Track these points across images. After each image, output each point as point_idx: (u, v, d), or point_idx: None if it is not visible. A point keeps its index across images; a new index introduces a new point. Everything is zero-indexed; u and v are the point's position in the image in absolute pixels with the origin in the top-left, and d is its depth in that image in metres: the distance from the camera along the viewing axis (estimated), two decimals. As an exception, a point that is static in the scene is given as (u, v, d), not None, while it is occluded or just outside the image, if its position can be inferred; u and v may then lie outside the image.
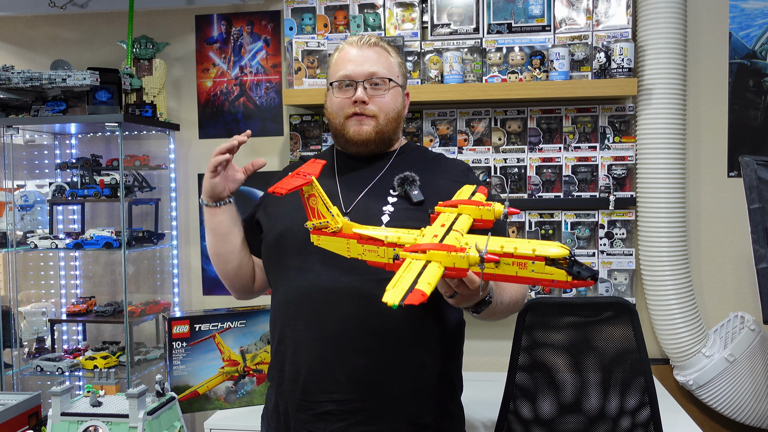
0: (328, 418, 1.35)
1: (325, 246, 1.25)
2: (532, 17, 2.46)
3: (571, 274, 1.02)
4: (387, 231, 1.19)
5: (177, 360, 2.21)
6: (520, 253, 1.04)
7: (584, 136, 2.47)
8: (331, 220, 1.22)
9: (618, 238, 2.45)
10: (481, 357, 2.59)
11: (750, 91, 2.47)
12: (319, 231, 1.25)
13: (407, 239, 1.15)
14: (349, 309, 1.34)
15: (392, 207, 1.41)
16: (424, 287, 0.96)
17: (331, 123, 1.51)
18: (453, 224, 1.21)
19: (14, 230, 2.58)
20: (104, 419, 1.55)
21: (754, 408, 2.31)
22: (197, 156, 2.76)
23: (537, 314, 1.80)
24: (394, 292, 0.95)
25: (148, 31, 2.70)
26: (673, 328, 2.33)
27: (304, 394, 1.37)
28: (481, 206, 1.28)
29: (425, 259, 1.04)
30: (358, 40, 1.50)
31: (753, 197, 2.02)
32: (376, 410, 1.35)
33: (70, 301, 2.75)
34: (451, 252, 1.03)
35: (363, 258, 1.20)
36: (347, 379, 1.34)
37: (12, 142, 2.56)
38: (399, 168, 1.48)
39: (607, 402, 1.77)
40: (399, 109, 1.51)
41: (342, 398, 1.34)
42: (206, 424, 2.15)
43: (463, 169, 1.53)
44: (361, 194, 1.45)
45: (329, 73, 1.53)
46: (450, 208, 1.29)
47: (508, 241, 1.07)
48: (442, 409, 1.43)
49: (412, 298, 0.93)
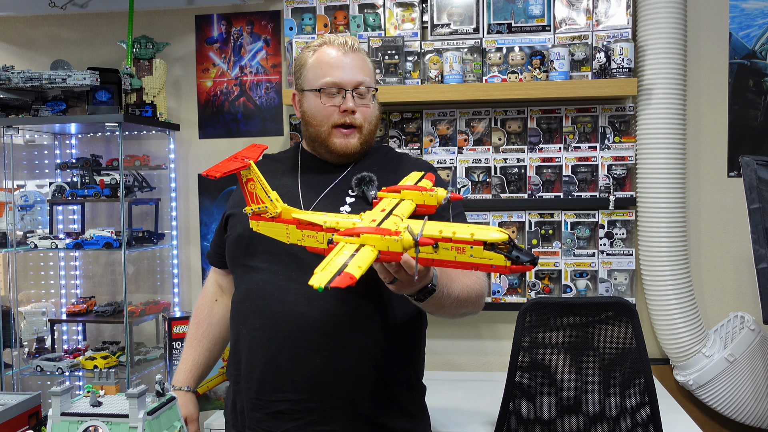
0: (282, 417, 1.36)
1: (264, 232, 1.24)
2: (532, 17, 2.46)
3: (510, 259, 1.00)
4: (326, 216, 1.17)
5: (177, 360, 2.21)
6: (458, 237, 1.02)
7: (584, 136, 2.47)
8: (270, 205, 1.20)
9: (618, 238, 2.45)
10: (481, 357, 2.59)
11: (750, 91, 2.47)
12: (258, 216, 1.23)
13: (345, 224, 1.13)
14: (303, 309, 1.35)
15: (349, 207, 1.41)
16: (354, 270, 0.95)
17: (312, 128, 1.49)
18: (393, 209, 1.19)
19: (14, 230, 2.58)
20: (104, 419, 1.54)
21: (754, 408, 2.30)
22: (197, 156, 2.76)
23: (537, 314, 1.80)
24: (322, 275, 0.94)
25: (148, 31, 2.70)
26: (673, 328, 2.33)
27: (259, 393, 1.38)
28: (424, 191, 1.27)
29: (359, 242, 1.02)
30: (342, 45, 1.48)
31: (753, 197, 2.02)
32: (329, 410, 1.35)
33: (70, 301, 2.75)
34: (385, 235, 1.01)
35: (302, 244, 1.19)
36: (301, 379, 1.35)
37: (12, 142, 2.55)
38: (361, 168, 1.48)
39: (607, 402, 1.77)
40: (378, 117, 1.53)
41: (296, 398, 1.35)
42: (206, 424, 2.15)
43: (425, 169, 1.52)
44: (321, 195, 1.45)
45: (309, 76, 1.48)
46: (393, 194, 1.28)
47: (447, 225, 1.05)
48: (400, 409, 1.43)
49: (339, 281, 0.91)
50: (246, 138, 2.71)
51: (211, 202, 2.73)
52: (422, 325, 1.52)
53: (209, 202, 2.74)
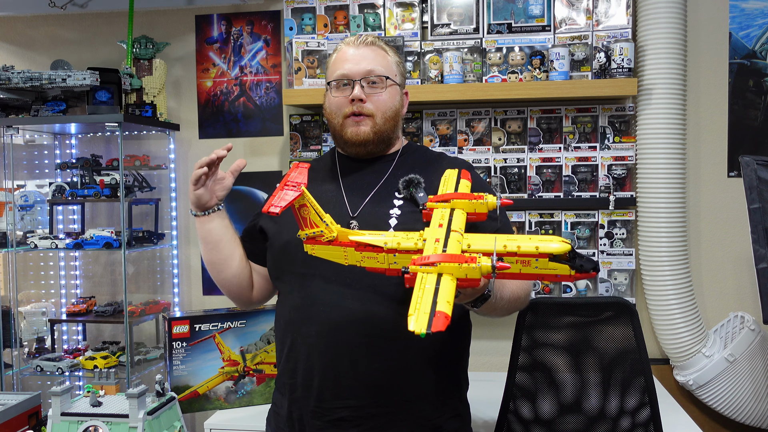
0: (343, 424, 1.35)
1: (320, 255, 1.22)
2: (532, 17, 2.46)
3: (574, 268, 1.02)
4: (385, 236, 1.16)
5: (177, 360, 2.21)
6: (523, 251, 1.04)
7: (584, 136, 2.47)
8: (326, 230, 1.18)
9: (618, 238, 2.45)
10: (481, 357, 2.59)
11: (750, 91, 2.47)
12: (313, 240, 1.20)
13: (407, 245, 1.13)
14: (361, 314, 1.34)
15: (399, 210, 1.40)
16: (444, 308, 0.96)
17: (330, 123, 1.51)
18: (450, 223, 1.19)
19: (14, 230, 2.58)
20: (104, 419, 1.55)
21: (754, 408, 2.31)
22: (197, 156, 2.76)
23: (537, 314, 1.80)
24: (419, 319, 0.94)
25: (148, 31, 2.70)
26: (673, 328, 2.33)
27: (319, 401, 1.37)
28: (473, 200, 1.27)
29: (437, 272, 1.02)
30: (355, 40, 1.50)
31: (753, 197, 2.02)
32: (389, 415, 1.35)
33: (70, 301, 2.75)
34: (462, 263, 1.02)
35: (361, 265, 1.18)
36: (361, 385, 1.34)
37: (12, 142, 2.56)
38: (402, 169, 1.47)
39: (607, 402, 1.77)
40: (397, 108, 1.50)
41: (357, 404, 1.34)
42: (206, 424, 2.15)
43: (465, 168, 1.52)
44: (367, 198, 1.45)
45: (327, 73, 1.52)
46: (442, 203, 1.27)
47: (509, 239, 1.06)
48: (451, 409, 1.43)
49: (439, 324, 0.93)
50: (246, 138, 2.71)
51: (211, 202, 2.73)
52: (469, 321, 1.52)
53: (209, 202, 2.73)
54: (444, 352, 1.41)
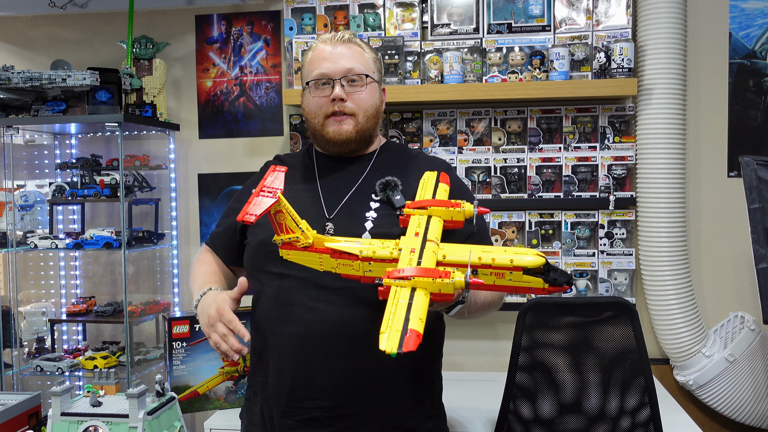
0: (314, 424, 1.35)
1: (295, 260, 1.22)
2: (532, 17, 2.46)
3: (548, 282, 1.03)
4: (361, 244, 1.16)
5: (177, 360, 2.21)
6: (498, 263, 1.04)
7: (584, 136, 2.47)
8: (301, 236, 1.18)
9: (618, 238, 2.45)
10: (481, 357, 2.59)
11: (750, 91, 2.47)
12: (288, 246, 1.20)
13: (382, 253, 1.13)
14: (335, 316, 1.33)
15: (375, 213, 1.40)
16: (417, 325, 0.96)
17: (309, 123, 1.50)
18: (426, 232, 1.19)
19: (14, 230, 2.58)
20: (104, 419, 1.55)
21: (754, 408, 2.31)
22: (197, 156, 2.76)
23: (537, 314, 1.80)
24: (390, 338, 0.94)
25: (148, 31, 2.70)
26: (673, 328, 2.33)
27: (290, 401, 1.36)
28: (450, 207, 1.26)
29: (410, 286, 1.03)
30: (331, 38, 1.49)
31: (753, 197, 2.02)
32: (362, 416, 1.35)
33: (70, 301, 2.75)
34: (436, 278, 1.02)
35: (336, 271, 1.18)
36: (333, 386, 1.34)
37: (12, 142, 2.55)
38: (380, 169, 1.47)
39: (607, 402, 1.77)
40: (377, 105, 1.50)
41: (329, 405, 1.34)
42: (206, 424, 2.15)
43: (440, 166, 1.52)
44: (344, 199, 1.44)
45: (304, 72, 1.51)
46: (419, 210, 1.27)
47: (484, 250, 1.06)
48: (424, 411, 1.43)
49: (408, 344, 0.93)
50: (246, 138, 2.71)
51: (211, 202, 2.73)
52: (443, 324, 1.52)
53: (209, 202, 2.74)
54: (417, 355, 1.41)
